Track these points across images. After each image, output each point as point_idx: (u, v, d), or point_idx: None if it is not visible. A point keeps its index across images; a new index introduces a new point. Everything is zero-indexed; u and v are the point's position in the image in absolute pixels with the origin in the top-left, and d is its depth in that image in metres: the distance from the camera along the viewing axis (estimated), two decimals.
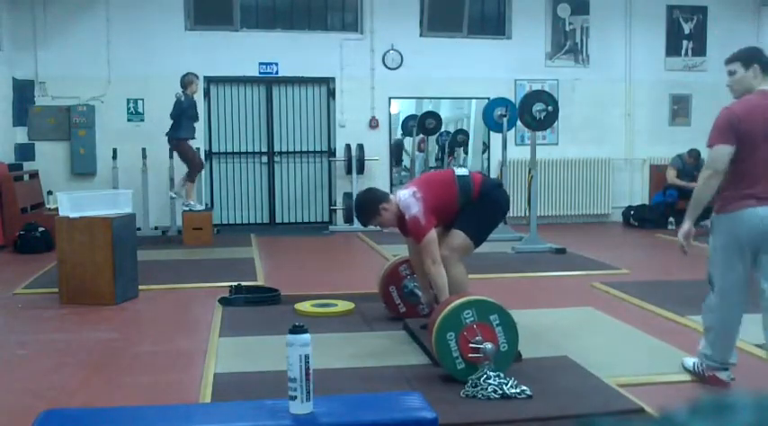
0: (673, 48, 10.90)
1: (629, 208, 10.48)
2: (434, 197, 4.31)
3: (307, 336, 2.52)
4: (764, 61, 3.62)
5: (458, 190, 4.35)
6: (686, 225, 3.76)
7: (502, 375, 3.49)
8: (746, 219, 3.53)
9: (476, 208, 4.35)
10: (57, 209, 6.05)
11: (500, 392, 3.41)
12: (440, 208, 4.31)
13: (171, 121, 8.53)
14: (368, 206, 4.47)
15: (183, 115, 8.50)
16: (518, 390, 3.43)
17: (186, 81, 8.58)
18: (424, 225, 4.22)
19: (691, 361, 3.88)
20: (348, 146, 9.96)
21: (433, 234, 4.24)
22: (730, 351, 3.76)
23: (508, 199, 4.75)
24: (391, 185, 10.38)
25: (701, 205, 3.70)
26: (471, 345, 3.54)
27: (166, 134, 8.58)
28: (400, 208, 4.33)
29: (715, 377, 3.72)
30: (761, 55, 3.59)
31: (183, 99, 8.50)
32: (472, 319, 3.59)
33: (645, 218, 10.11)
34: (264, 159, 10.30)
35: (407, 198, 4.31)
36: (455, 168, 4.65)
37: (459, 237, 4.34)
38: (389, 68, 10.20)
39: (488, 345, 3.52)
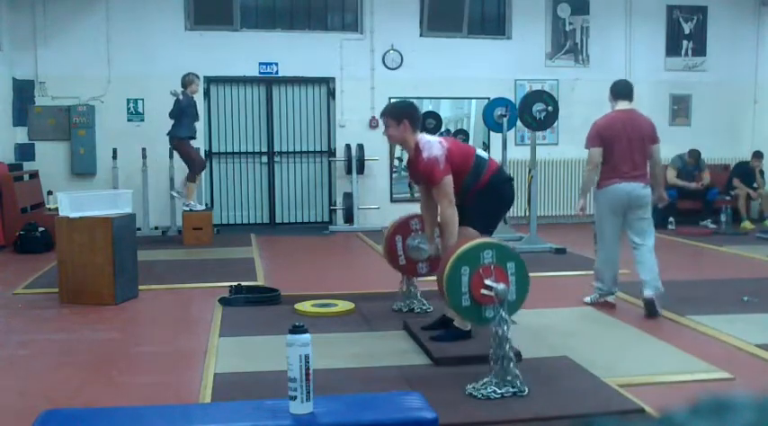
0: (673, 48, 10.90)
1: None
2: (455, 157, 4.28)
3: (307, 336, 2.52)
4: (615, 89, 5.56)
5: (472, 167, 4.33)
6: (582, 202, 5.55)
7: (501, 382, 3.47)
8: (616, 191, 5.23)
9: (481, 202, 4.33)
10: (57, 209, 6.05)
11: (500, 391, 3.40)
12: (454, 171, 4.27)
13: (171, 121, 8.52)
14: (399, 108, 4.50)
15: (183, 114, 8.50)
16: (516, 389, 3.42)
17: (187, 81, 8.59)
18: (442, 168, 4.20)
19: (588, 298, 5.50)
20: (348, 146, 9.96)
21: (450, 178, 4.21)
22: (613, 282, 5.44)
23: (513, 195, 4.77)
24: (391, 185, 10.38)
25: (588, 188, 5.53)
26: (486, 282, 3.47)
27: (168, 133, 8.58)
28: (419, 146, 4.29)
29: (606, 302, 5.45)
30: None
31: (181, 97, 8.50)
32: (491, 260, 3.54)
33: None
34: (264, 159, 10.30)
35: (433, 141, 4.32)
36: (478, 148, 4.65)
37: (469, 232, 4.33)
38: (389, 68, 10.19)
39: (501, 285, 3.46)
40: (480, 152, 4.51)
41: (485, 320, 3.52)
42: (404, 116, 4.37)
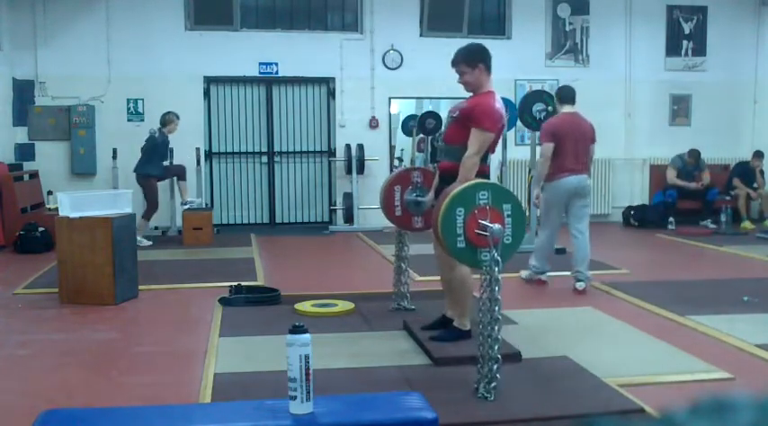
0: (673, 48, 10.90)
1: (629, 208, 10.47)
2: (495, 139, 4.23)
3: (307, 336, 2.52)
4: (560, 94, 6.38)
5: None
6: (536, 191, 6.35)
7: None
8: (567, 183, 5.98)
9: None
10: (57, 209, 6.05)
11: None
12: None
13: (141, 154, 8.55)
14: (473, 52, 4.37)
15: (154, 152, 8.52)
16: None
17: (167, 119, 8.61)
18: (490, 124, 4.09)
19: (525, 273, 6.38)
20: (348, 146, 9.96)
21: (491, 136, 4.11)
22: (546, 262, 6.37)
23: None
24: None
25: (540, 178, 6.16)
26: (480, 222, 3.41)
27: (134, 170, 8.59)
28: (495, 96, 4.22)
29: (539, 280, 6.35)
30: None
31: (156, 135, 8.52)
32: (486, 201, 3.46)
33: (645, 218, 10.10)
34: (264, 159, 10.30)
35: (502, 108, 4.23)
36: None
37: None
38: (389, 68, 10.19)
39: (497, 225, 3.39)
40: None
41: (479, 262, 3.45)
42: (478, 60, 4.28)
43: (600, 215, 10.81)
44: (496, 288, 3.39)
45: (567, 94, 6.30)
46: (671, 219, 9.81)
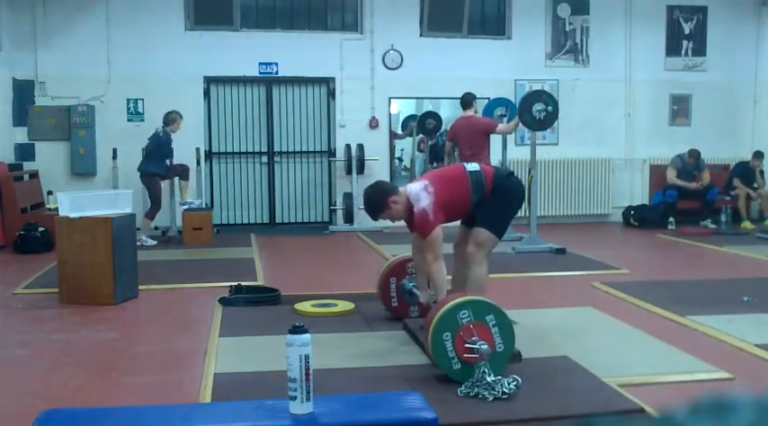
0: (673, 48, 10.90)
1: (629, 208, 10.47)
2: (447, 192, 4.29)
3: (307, 336, 2.52)
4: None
5: (470, 185, 4.32)
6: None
7: (495, 375, 3.48)
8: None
9: (492, 203, 4.35)
10: (57, 209, 6.05)
11: (494, 392, 3.39)
12: (453, 202, 4.30)
13: (144, 153, 8.62)
14: (377, 199, 4.38)
15: (158, 151, 8.54)
16: (510, 386, 3.42)
17: (170, 118, 8.64)
18: (431, 219, 4.21)
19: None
20: (348, 146, 9.96)
21: (439, 230, 4.23)
22: None
23: (521, 184, 4.75)
24: None
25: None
26: (467, 345, 3.52)
27: (138, 169, 8.62)
28: (411, 201, 4.29)
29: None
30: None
31: (161, 134, 8.54)
32: (468, 319, 3.57)
33: (645, 218, 10.10)
34: (264, 159, 10.30)
35: (418, 190, 4.28)
36: (465, 164, 4.62)
37: (482, 233, 4.35)
38: (389, 68, 10.19)
39: (484, 345, 3.49)
40: (469, 167, 4.48)
41: (481, 378, 3.51)
42: (384, 199, 4.32)
43: (600, 215, 10.82)
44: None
45: (464, 99, 8.33)
46: (671, 219, 9.81)
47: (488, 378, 3.43)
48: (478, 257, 4.36)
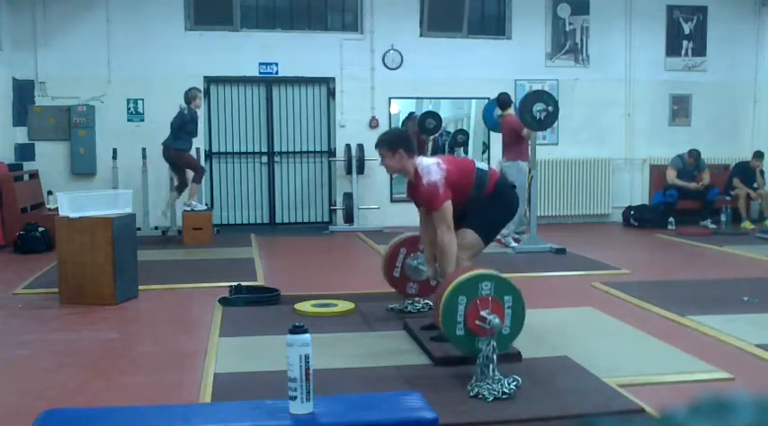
0: (673, 48, 10.90)
1: (629, 208, 10.47)
2: (456, 176, 4.32)
3: (307, 336, 2.52)
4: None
5: (474, 180, 4.38)
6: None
7: (497, 376, 3.48)
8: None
9: (487, 207, 4.37)
10: (57, 209, 6.05)
11: (494, 393, 3.39)
12: (456, 188, 4.32)
13: (170, 130, 8.56)
14: (394, 138, 4.46)
15: (183, 128, 8.53)
16: (510, 386, 3.41)
17: (191, 95, 8.63)
18: (442, 193, 4.23)
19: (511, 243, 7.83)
20: (348, 146, 9.96)
21: (449, 203, 4.24)
22: (519, 225, 7.97)
23: (518, 200, 4.79)
24: (392, 185, 10.38)
25: None
26: (481, 314, 3.51)
27: (163, 143, 8.60)
28: (418, 171, 4.31)
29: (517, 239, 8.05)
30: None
31: (186, 112, 8.54)
32: (489, 292, 3.58)
33: (645, 218, 10.10)
34: (264, 159, 10.30)
35: (431, 164, 4.33)
36: (475, 161, 4.66)
37: (470, 236, 4.35)
38: (389, 68, 10.19)
39: (496, 319, 3.49)
40: (480, 164, 4.55)
41: (476, 351, 3.53)
42: (398, 145, 4.38)
43: (600, 215, 10.81)
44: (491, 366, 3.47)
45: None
46: (671, 219, 9.81)
47: (493, 356, 3.43)
48: (462, 259, 4.31)
